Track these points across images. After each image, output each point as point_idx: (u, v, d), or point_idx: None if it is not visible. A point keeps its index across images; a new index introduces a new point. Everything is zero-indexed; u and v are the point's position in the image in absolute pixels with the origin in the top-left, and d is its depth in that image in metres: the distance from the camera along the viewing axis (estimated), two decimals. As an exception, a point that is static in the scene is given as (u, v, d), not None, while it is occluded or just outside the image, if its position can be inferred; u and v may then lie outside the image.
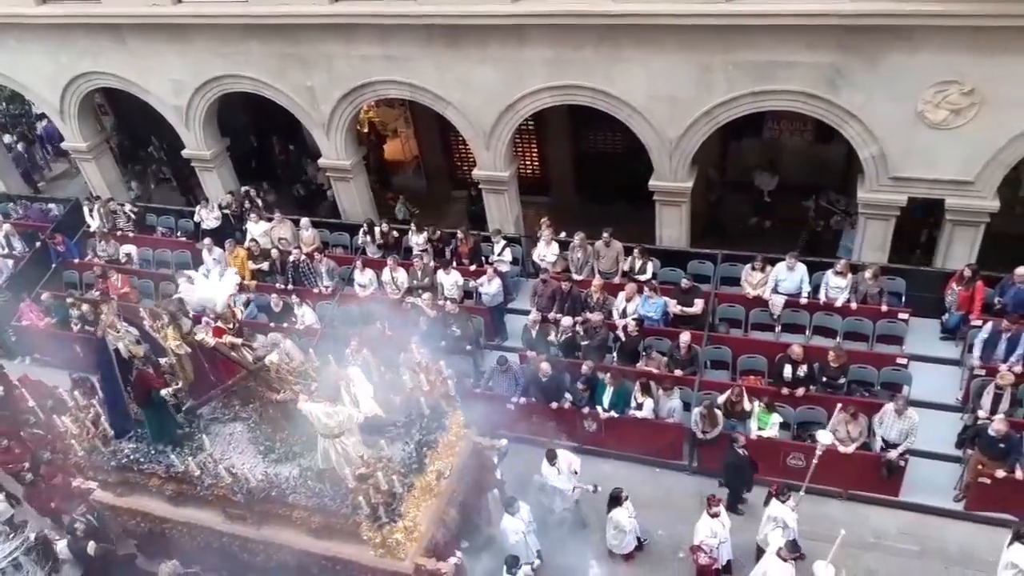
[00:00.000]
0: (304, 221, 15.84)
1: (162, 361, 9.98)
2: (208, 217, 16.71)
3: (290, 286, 14.94)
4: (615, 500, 10.19)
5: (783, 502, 9.70)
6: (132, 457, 9.83)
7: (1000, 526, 10.18)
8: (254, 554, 9.59)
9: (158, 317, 9.94)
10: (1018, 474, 10.10)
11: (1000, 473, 10.14)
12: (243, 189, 17.18)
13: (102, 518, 10.68)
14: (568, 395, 11.90)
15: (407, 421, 9.61)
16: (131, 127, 20.33)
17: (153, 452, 9.77)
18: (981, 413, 10.71)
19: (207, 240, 15.73)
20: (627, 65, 12.69)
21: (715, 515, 9.61)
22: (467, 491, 10.05)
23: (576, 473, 10.52)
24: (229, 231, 16.31)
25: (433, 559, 8.87)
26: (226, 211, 16.84)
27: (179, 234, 17.44)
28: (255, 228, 16.00)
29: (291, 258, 15.05)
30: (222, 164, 17.55)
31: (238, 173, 18.06)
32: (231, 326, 9.90)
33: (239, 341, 9.73)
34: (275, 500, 9.16)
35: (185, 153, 17.33)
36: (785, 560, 8.91)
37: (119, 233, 17.15)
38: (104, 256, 16.66)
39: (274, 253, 15.35)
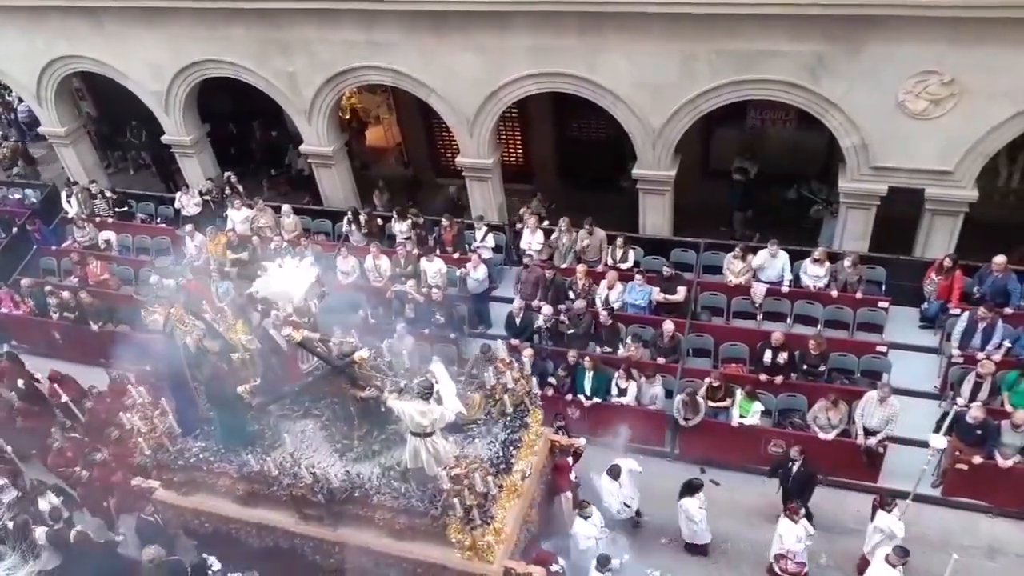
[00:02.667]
0: (285, 208, 15.73)
1: (233, 356, 9.48)
2: (188, 203, 16.55)
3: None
4: (689, 489, 10.06)
5: (888, 512, 9.47)
6: (201, 456, 9.45)
7: (977, 511, 10.36)
8: (328, 556, 9.22)
9: (221, 311, 9.64)
10: (998, 460, 10.27)
11: (977, 459, 10.30)
12: (225, 175, 17.01)
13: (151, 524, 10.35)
14: (552, 381, 11.93)
15: (488, 419, 9.35)
16: (110, 112, 20.04)
17: (224, 451, 9.38)
18: (960, 401, 10.87)
19: (188, 227, 15.59)
20: (611, 53, 12.67)
21: (796, 521, 9.40)
22: (543, 492, 9.81)
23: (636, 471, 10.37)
24: (210, 218, 16.15)
25: (521, 562, 8.63)
26: (206, 197, 16.68)
27: (159, 220, 17.26)
28: (236, 215, 15.87)
29: (272, 245, 14.93)
30: (202, 150, 17.38)
31: (218, 159, 17.89)
32: (307, 319, 9.39)
33: (316, 336, 9.34)
34: (356, 500, 8.81)
35: (165, 139, 17.14)
36: (894, 566, 8.79)
37: (98, 219, 16.95)
38: (83, 242, 16.47)
39: (255, 240, 15.23)
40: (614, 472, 10.19)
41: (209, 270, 15.02)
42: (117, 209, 17.28)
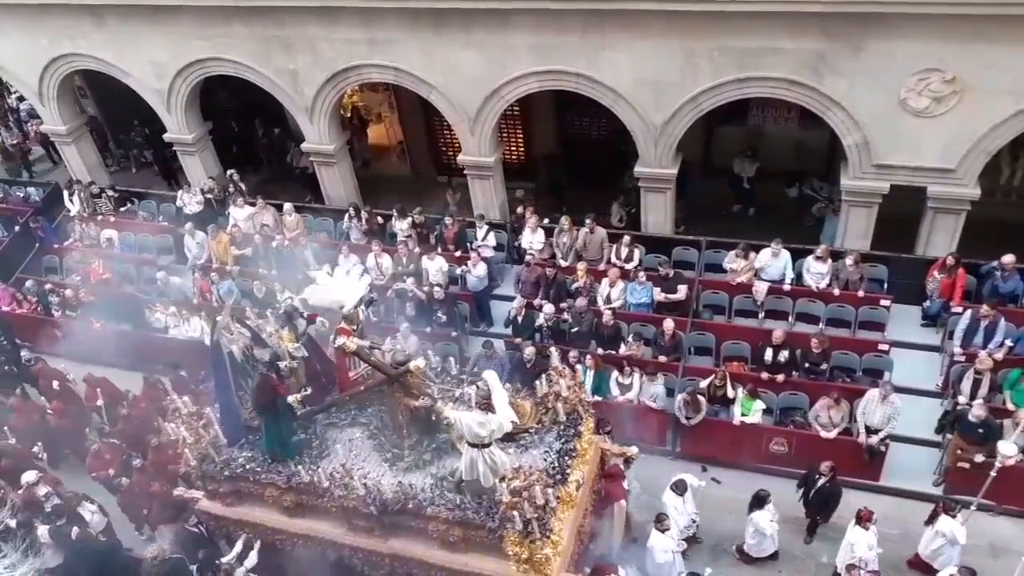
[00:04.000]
0: (287, 206, 15.74)
1: (280, 365, 9.36)
2: (190, 202, 16.57)
3: (273, 272, 14.85)
4: (758, 501, 9.85)
5: (953, 517, 9.32)
6: (248, 467, 9.27)
7: (978, 510, 10.31)
8: (377, 567, 9.05)
9: (263, 317, 9.56)
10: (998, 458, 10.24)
11: (979, 458, 10.28)
12: (228, 173, 17.02)
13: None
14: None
15: (541, 427, 9.17)
16: (112, 110, 20.04)
17: (272, 461, 9.21)
18: (961, 399, 10.86)
19: (189, 225, 15.61)
20: (612, 51, 12.65)
21: (868, 529, 9.28)
22: (594, 500, 9.66)
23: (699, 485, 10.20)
24: (212, 216, 16.16)
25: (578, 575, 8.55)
26: (208, 195, 16.69)
27: (161, 219, 17.28)
28: (238, 213, 15.88)
29: (274, 244, 14.95)
30: (204, 148, 17.39)
31: (220, 157, 17.91)
32: (355, 327, 9.22)
33: (367, 343, 9.21)
34: (409, 512, 8.64)
35: (167, 137, 17.15)
36: None
37: (100, 218, 16.97)
38: (85, 241, 16.49)
39: (257, 238, 15.25)
40: (680, 487, 9.94)
41: (212, 269, 15.07)
42: (122, 208, 17.29)
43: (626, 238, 13.75)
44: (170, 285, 14.97)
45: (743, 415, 11.26)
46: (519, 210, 14.98)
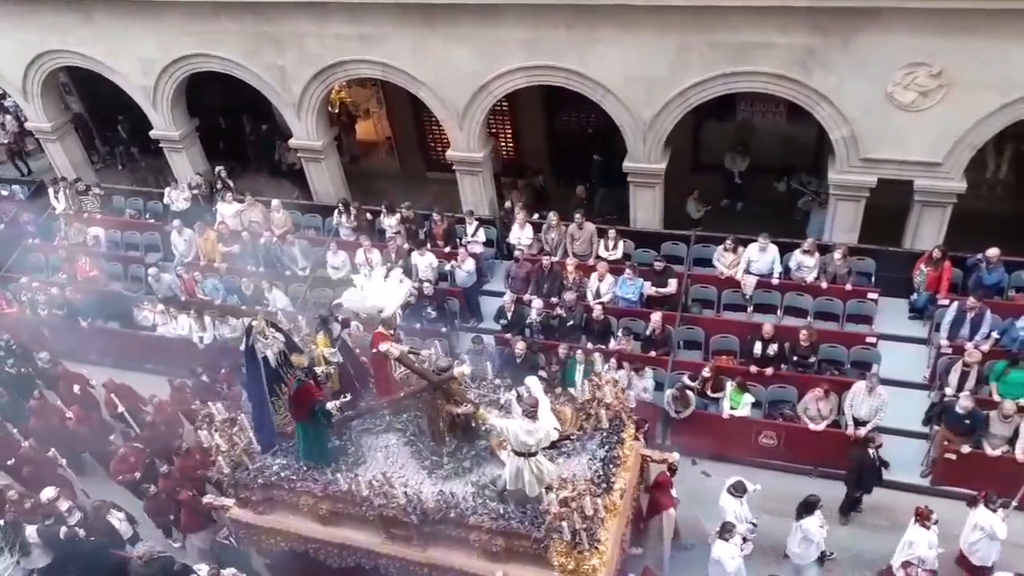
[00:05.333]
0: (275, 203, 15.68)
1: (318, 371, 9.21)
2: (178, 199, 16.47)
3: (261, 268, 14.81)
4: (808, 507, 9.54)
5: (993, 511, 9.12)
6: (283, 474, 9.08)
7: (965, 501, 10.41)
8: None
9: (294, 319, 9.38)
10: (987, 450, 10.35)
11: (966, 449, 10.37)
12: (216, 169, 16.92)
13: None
14: (543, 374, 11.94)
15: (582, 434, 9.05)
16: (97, 107, 19.89)
17: (308, 469, 9.05)
18: (948, 390, 10.95)
19: (176, 222, 15.52)
20: (601, 46, 12.66)
21: (928, 527, 9.06)
22: (636, 509, 9.59)
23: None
24: (199, 212, 16.08)
25: None
26: (196, 191, 16.60)
27: (148, 216, 17.17)
28: (226, 209, 15.80)
29: (262, 240, 14.89)
30: (191, 145, 17.29)
31: (208, 154, 17.82)
32: (392, 332, 9.06)
33: (406, 349, 9.02)
34: (451, 521, 8.47)
35: (153, 134, 17.02)
36: None
37: (86, 215, 16.85)
38: (71, 239, 16.37)
39: (244, 235, 15.19)
40: (739, 489, 9.59)
41: (196, 267, 15.01)
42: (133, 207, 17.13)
43: (612, 232, 13.77)
44: (162, 281, 14.89)
45: (732, 408, 11.31)
46: (507, 205, 14.99)
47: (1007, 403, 10.31)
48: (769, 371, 11.66)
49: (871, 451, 10.09)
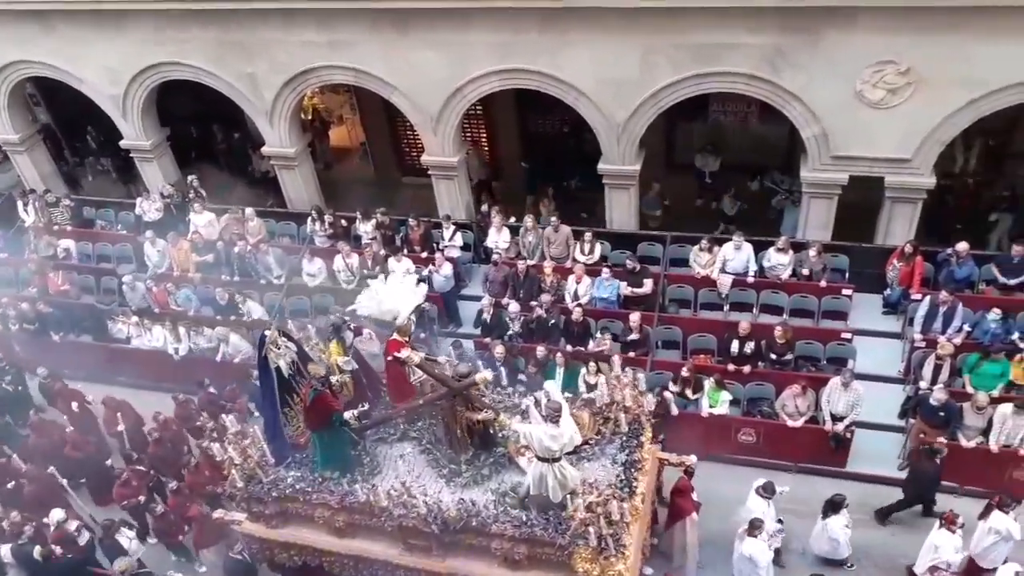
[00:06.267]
0: (249, 211, 15.53)
1: (332, 380, 9.08)
2: (150, 209, 16.25)
3: (236, 278, 14.68)
4: (834, 506, 9.61)
5: (1007, 513, 9.13)
6: (297, 487, 8.91)
7: (941, 492, 10.55)
8: None
9: (303, 328, 9.26)
10: (961, 441, 10.48)
11: (941, 440, 10.49)
12: (188, 178, 16.74)
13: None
14: (523, 378, 11.94)
15: (601, 439, 8.99)
16: (66, 118, 19.61)
17: (323, 480, 8.89)
18: (923, 384, 11.08)
19: (149, 232, 15.34)
20: (573, 49, 12.69)
21: (954, 531, 9.13)
22: (664, 514, 9.59)
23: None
24: (172, 223, 15.90)
25: None
26: (168, 201, 16.41)
27: (119, 227, 16.95)
28: (199, 219, 15.64)
29: (236, 249, 14.76)
30: (163, 154, 17.10)
31: (179, 163, 17.64)
32: (407, 338, 8.99)
33: (423, 355, 8.95)
34: (472, 530, 8.34)
35: (123, 143, 16.82)
36: None
37: (56, 228, 16.60)
38: (41, 252, 16.12)
39: (219, 244, 15.05)
40: (768, 490, 9.53)
41: (168, 278, 14.86)
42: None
43: (588, 234, 13.82)
44: (136, 289, 14.72)
45: (711, 406, 11.37)
46: (484, 208, 14.98)
47: (980, 395, 10.46)
48: (747, 369, 11.74)
49: (938, 461, 9.94)
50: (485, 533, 8.29)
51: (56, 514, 10.63)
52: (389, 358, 8.86)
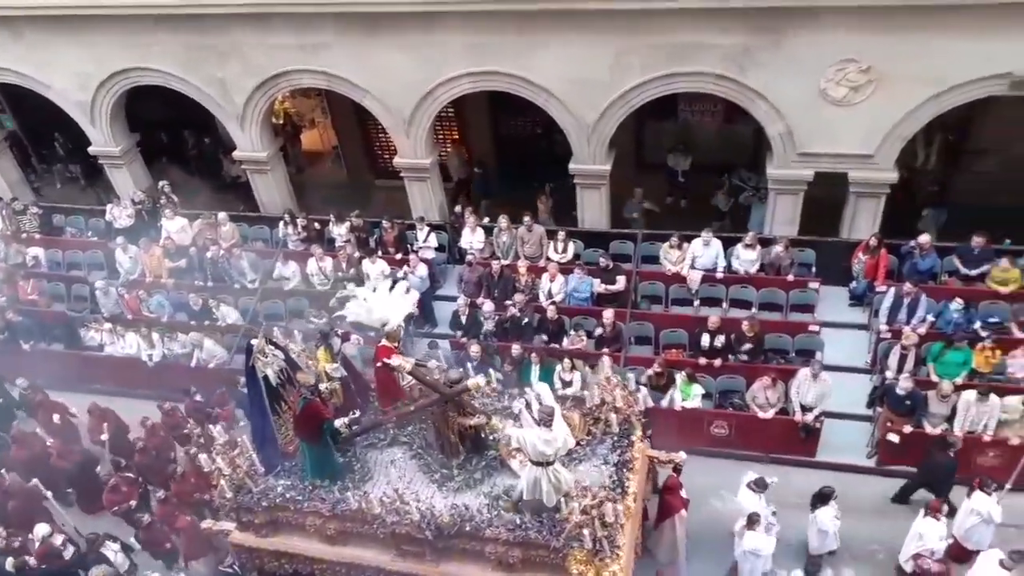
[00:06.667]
0: (222, 216, 15.50)
1: (321, 387, 9.03)
2: (120, 215, 16.14)
3: (209, 283, 14.64)
4: (822, 498, 9.70)
5: (989, 495, 9.36)
6: (288, 495, 8.80)
7: (908, 479, 10.81)
8: None
9: (290, 336, 9.20)
10: (927, 429, 10.76)
11: (907, 429, 10.77)
12: (159, 184, 16.65)
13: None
14: (499, 375, 12.03)
15: (591, 439, 8.97)
16: (33, 125, 19.41)
17: (314, 489, 8.78)
18: (889, 373, 11.35)
19: (120, 239, 15.24)
20: (544, 51, 12.83)
21: (939, 519, 9.26)
22: (651, 512, 9.64)
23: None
24: (143, 229, 15.81)
25: None
26: (139, 207, 16.31)
27: (90, 234, 16.81)
28: (171, 224, 15.57)
29: (209, 254, 14.72)
30: (133, 160, 16.99)
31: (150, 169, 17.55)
32: (397, 345, 8.93)
33: (413, 361, 8.85)
34: (466, 534, 8.30)
35: (92, 150, 16.69)
36: (1009, 570, 8.56)
37: (24, 235, 16.43)
38: (10, 260, 15.95)
39: (192, 250, 15.00)
40: (760, 484, 9.64)
41: (140, 285, 14.77)
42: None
43: (561, 233, 13.97)
44: (110, 295, 14.63)
45: (683, 400, 11.55)
46: (457, 209, 15.08)
47: (944, 383, 10.72)
48: (717, 362, 11.95)
49: (951, 454, 10.01)
50: (479, 537, 8.28)
51: (40, 529, 10.51)
52: (379, 364, 8.85)
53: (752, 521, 9.33)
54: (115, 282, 15.00)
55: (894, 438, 10.84)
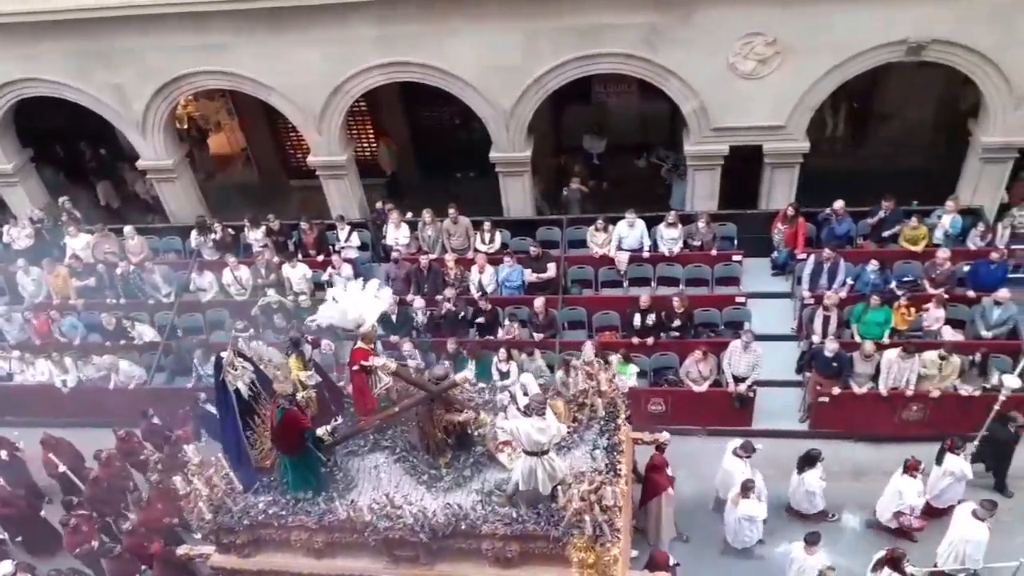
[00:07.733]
0: (128, 229, 14.78)
1: (297, 397, 8.58)
2: (19, 236, 15.21)
3: (122, 300, 13.97)
4: (810, 460, 9.88)
5: (958, 455, 9.57)
6: (271, 511, 8.40)
7: (841, 439, 11.15)
8: None
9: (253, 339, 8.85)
10: (854, 389, 11.09)
11: (836, 390, 11.09)
12: (60, 200, 15.74)
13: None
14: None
15: (578, 426, 8.85)
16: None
17: (298, 502, 8.40)
18: (815, 338, 11.65)
19: (21, 261, 14.38)
20: (454, 38, 12.64)
21: (916, 477, 9.48)
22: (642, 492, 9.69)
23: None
24: (45, 249, 14.95)
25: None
26: (38, 226, 15.42)
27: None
28: (75, 242, 14.77)
29: (119, 271, 14.03)
30: (28, 177, 16.03)
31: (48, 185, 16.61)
32: (372, 346, 8.67)
33: (394, 364, 8.58)
34: (461, 533, 8.11)
35: (-21, 168, 15.69)
36: (983, 520, 8.78)
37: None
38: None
39: (100, 267, 14.26)
40: (747, 449, 9.81)
41: (49, 307, 14.00)
42: None
43: (487, 224, 13.84)
44: (14, 322, 13.81)
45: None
46: (378, 206, 14.77)
47: (867, 343, 11.08)
48: (650, 341, 12.05)
49: (1010, 427, 10.06)
50: (475, 535, 8.13)
51: (3, 567, 9.91)
52: (355, 367, 8.57)
53: (746, 488, 9.54)
54: (18, 307, 14.16)
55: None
